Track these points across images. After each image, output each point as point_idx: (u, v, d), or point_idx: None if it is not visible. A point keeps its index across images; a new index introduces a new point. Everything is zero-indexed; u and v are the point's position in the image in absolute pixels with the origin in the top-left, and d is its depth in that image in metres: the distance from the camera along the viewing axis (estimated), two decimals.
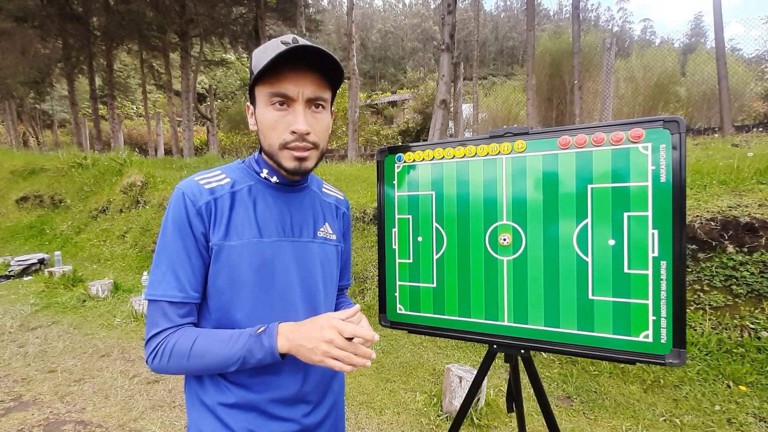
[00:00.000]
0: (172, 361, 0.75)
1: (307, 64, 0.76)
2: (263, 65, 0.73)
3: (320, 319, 0.73)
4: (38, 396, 2.71)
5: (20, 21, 12.91)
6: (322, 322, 0.72)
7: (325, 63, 0.77)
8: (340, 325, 0.70)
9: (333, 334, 0.69)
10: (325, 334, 0.69)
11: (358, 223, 4.86)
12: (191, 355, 0.74)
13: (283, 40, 0.76)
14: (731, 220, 2.93)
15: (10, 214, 8.87)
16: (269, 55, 0.73)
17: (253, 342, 0.73)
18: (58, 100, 23.56)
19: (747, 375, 2.55)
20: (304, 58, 0.75)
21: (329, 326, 0.70)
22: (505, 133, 1.09)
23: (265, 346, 0.72)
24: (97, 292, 4.74)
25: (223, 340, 0.74)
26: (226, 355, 0.73)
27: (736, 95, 9.34)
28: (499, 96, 14.17)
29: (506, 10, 75.37)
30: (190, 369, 0.75)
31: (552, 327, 1.02)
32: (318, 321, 0.73)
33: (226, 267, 0.78)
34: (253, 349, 0.73)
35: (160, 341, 0.75)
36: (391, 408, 2.57)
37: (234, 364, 0.74)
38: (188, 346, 0.74)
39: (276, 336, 0.73)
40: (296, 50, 0.73)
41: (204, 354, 0.74)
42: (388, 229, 1.26)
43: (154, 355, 0.75)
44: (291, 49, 0.72)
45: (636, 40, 57.08)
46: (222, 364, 0.74)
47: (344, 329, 0.70)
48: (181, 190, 0.79)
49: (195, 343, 0.74)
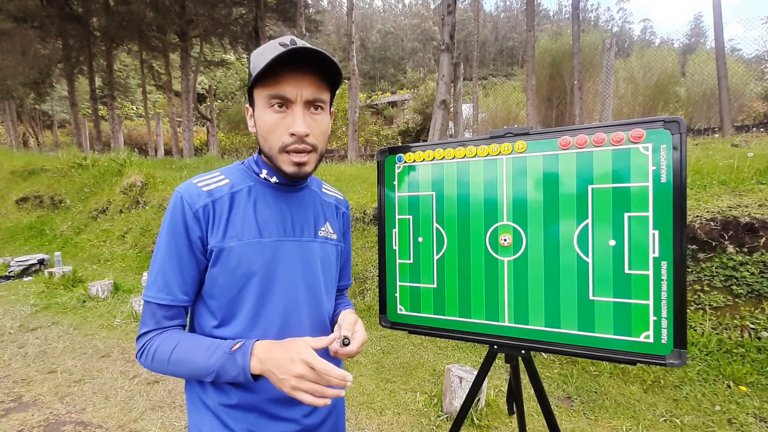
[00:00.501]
0: (155, 363, 0.77)
1: (305, 66, 0.76)
2: (261, 67, 0.73)
3: (293, 350, 0.70)
4: (38, 397, 2.71)
5: (20, 21, 12.91)
6: (294, 354, 0.69)
7: (324, 64, 0.77)
8: (312, 360, 0.68)
9: (303, 369, 0.67)
10: (296, 368, 0.67)
11: (358, 223, 4.86)
12: (170, 361, 0.75)
13: (281, 42, 0.76)
14: (731, 220, 2.93)
15: (10, 214, 8.87)
16: (267, 57, 0.73)
17: (227, 359, 0.72)
18: (58, 100, 23.56)
19: (747, 375, 2.55)
20: (303, 59, 0.75)
21: (300, 360, 0.68)
22: (505, 133, 1.08)
23: (238, 364, 0.72)
24: (97, 292, 4.74)
25: (200, 351, 0.74)
26: (202, 366, 0.74)
27: (735, 95, 9.35)
28: (498, 96, 14.19)
29: (506, 10, 75.41)
30: (172, 373, 0.77)
31: (553, 327, 1.02)
32: (291, 351, 0.70)
33: (227, 268, 0.78)
34: (226, 366, 0.72)
35: (146, 341, 0.78)
36: (391, 408, 2.57)
37: (209, 376, 0.74)
38: (168, 352, 0.75)
39: (249, 356, 0.72)
40: (294, 52, 0.72)
41: (182, 362, 0.75)
42: (388, 230, 1.26)
43: (141, 353, 0.78)
44: (289, 51, 0.72)
45: (636, 40, 57.15)
46: (198, 374, 0.75)
47: (316, 364, 0.67)
48: (179, 194, 0.79)
49: (174, 350, 0.75)
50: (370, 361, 3.19)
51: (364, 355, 3.29)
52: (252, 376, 0.72)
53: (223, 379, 0.73)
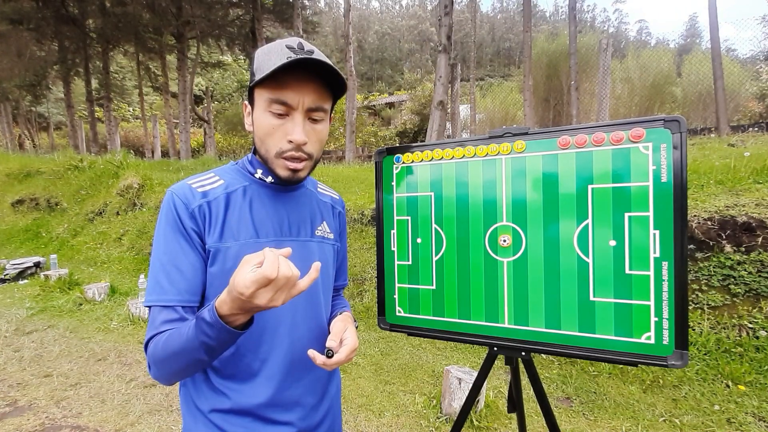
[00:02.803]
0: (159, 369, 0.71)
1: (310, 73, 0.75)
2: (267, 72, 0.71)
3: (240, 270, 0.60)
4: (34, 401, 2.68)
5: (16, 23, 12.83)
6: (241, 274, 0.59)
7: (328, 73, 0.76)
8: (253, 258, 0.60)
9: (256, 285, 0.57)
10: (250, 288, 0.58)
11: (356, 224, 4.85)
12: (167, 359, 0.69)
13: (288, 45, 0.74)
14: (728, 219, 2.94)
15: (6, 217, 8.81)
16: (273, 60, 0.71)
17: (200, 323, 0.65)
18: (54, 102, 23.42)
19: (746, 374, 2.55)
20: (309, 67, 0.74)
21: (251, 280, 0.57)
22: (504, 133, 1.08)
23: (210, 321, 0.64)
24: (94, 295, 4.71)
25: (181, 335, 0.68)
26: (189, 347, 0.66)
27: (731, 95, 9.39)
28: (496, 97, 14.22)
29: (503, 11, 75.63)
30: (175, 372, 0.71)
31: (553, 329, 1.02)
32: (238, 273, 0.60)
33: (224, 269, 0.77)
34: (204, 330, 0.64)
35: (149, 351, 0.72)
36: (390, 410, 2.55)
37: (204, 353, 0.67)
38: (161, 351, 0.70)
39: (214, 306, 0.64)
40: (301, 62, 0.71)
41: (175, 354, 0.68)
42: (387, 231, 1.25)
43: (150, 365, 0.73)
44: (297, 61, 0.70)
45: (632, 41, 57.46)
46: (193, 358, 0.68)
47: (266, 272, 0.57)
48: (172, 194, 0.78)
49: (163, 347, 0.70)
50: (369, 363, 3.18)
51: (362, 357, 3.27)
52: (235, 327, 0.64)
53: (214, 348, 0.66)
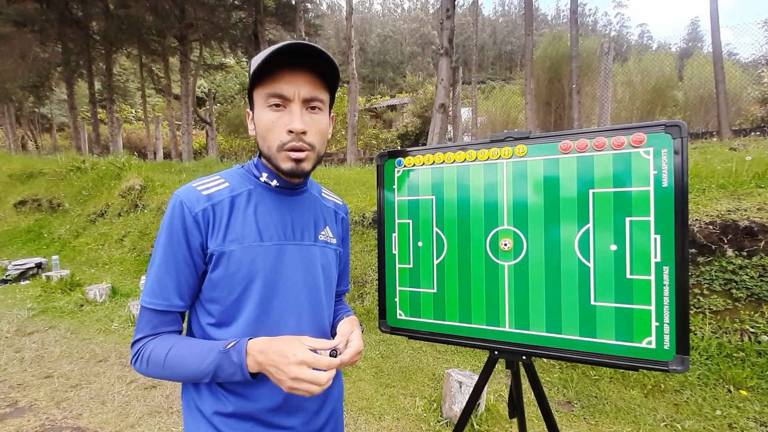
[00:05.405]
0: (150, 368, 0.76)
1: (302, 65, 0.77)
2: (258, 63, 0.74)
3: (290, 350, 0.69)
4: (34, 402, 2.68)
5: (20, 25, 12.91)
6: (291, 355, 0.68)
7: (321, 63, 0.77)
8: (311, 361, 0.68)
9: (300, 371, 0.67)
10: (292, 370, 0.67)
11: (357, 227, 4.85)
12: (165, 365, 0.75)
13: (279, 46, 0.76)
14: (730, 223, 2.93)
15: (8, 217, 8.84)
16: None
17: (222, 358, 0.72)
18: (57, 104, 23.52)
19: (748, 379, 2.54)
20: (300, 58, 0.76)
21: (297, 362, 0.67)
22: (505, 137, 1.08)
23: (234, 362, 0.71)
24: (95, 296, 4.71)
25: (194, 353, 0.74)
26: (197, 368, 0.73)
27: (733, 99, 9.37)
28: (497, 100, 14.20)
29: (504, 14, 75.81)
30: (168, 377, 0.76)
31: (554, 333, 1.02)
32: (287, 352, 0.69)
33: (228, 272, 0.78)
34: (223, 365, 0.72)
35: (140, 347, 0.77)
36: (390, 413, 2.55)
37: (206, 377, 0.73)
38: (163, 356, 0.75)
39: (245, 355, 0.71)
40: (291, 47, 0.73)
41: (177, 365, 0.74)
42: (388, 234, 1.25)
43: (136, 359, 0.78)
44: (285, 47, 0.73)
45: (633, 44, 57.49)
46: (195, 376, 0.74)
47: (313, 364, 0.68)
48: (178, 198, 0.79)
49: (169, 354, 0.75)
50: (369, 366, 3.17)
51: (363, 360, 3.27)
52: (250, 374, 0.72)
53: (221, 378, 0.73)
